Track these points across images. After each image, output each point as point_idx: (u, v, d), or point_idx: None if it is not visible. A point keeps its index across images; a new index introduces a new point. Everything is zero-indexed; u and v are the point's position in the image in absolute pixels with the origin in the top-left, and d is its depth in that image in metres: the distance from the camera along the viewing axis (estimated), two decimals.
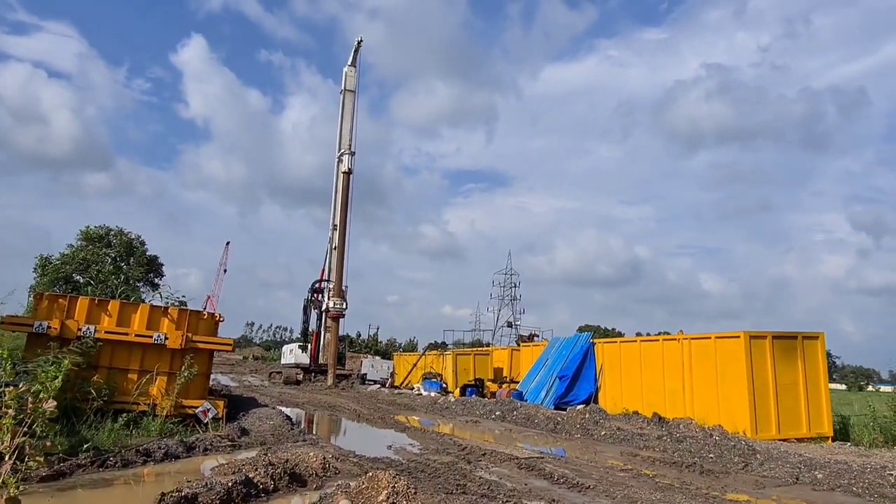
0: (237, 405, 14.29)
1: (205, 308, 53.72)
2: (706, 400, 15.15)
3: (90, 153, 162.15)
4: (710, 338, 15.41)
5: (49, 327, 9.74)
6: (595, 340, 20.45)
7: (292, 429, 11.02)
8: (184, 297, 15.07)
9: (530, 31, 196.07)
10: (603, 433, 13.34)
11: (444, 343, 47.66)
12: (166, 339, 10.57)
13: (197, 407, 10.55)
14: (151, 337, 10.51)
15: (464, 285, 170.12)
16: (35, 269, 43.35)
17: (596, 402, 18.67)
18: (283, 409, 15.13)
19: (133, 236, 47.21)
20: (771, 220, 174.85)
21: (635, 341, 18.77)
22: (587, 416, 14.95)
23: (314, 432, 12.52)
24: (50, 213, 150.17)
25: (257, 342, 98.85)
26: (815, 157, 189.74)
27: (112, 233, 46.60)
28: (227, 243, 74.16)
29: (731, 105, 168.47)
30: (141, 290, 38.25)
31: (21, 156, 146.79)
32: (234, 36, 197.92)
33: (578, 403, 18.54)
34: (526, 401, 19.90)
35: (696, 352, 15.77)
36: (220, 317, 11.48)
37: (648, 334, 22.77)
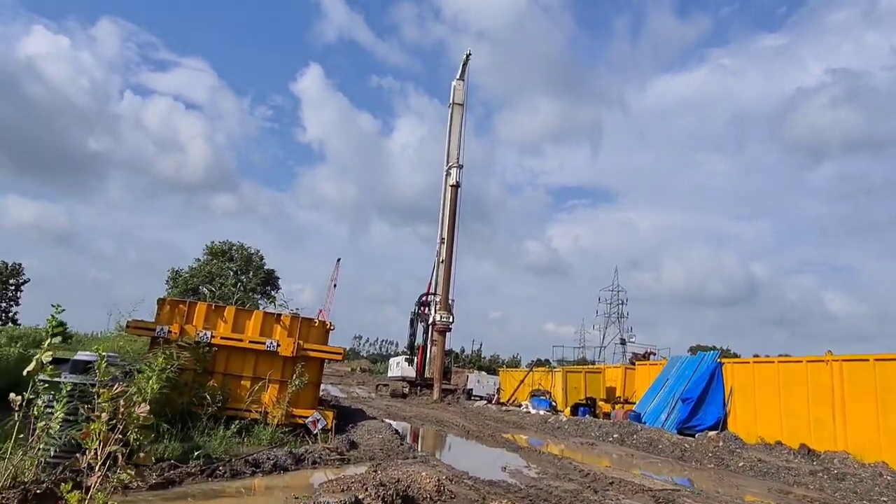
0: (346, 416, 14.12)
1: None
2: (864, 431, 13.15)
3: (219, 177, 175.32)
4: (867, 360, 13.40)
5: (169, 331, 9.92)
6: (723, 360, 18.65)
7: (401, 444, 10.57)
8: (297, 309, 15.21)
9: (637, 43, 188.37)
10: (741, 464, 11.86)
11: (547, 360, 46.19)
12: (278, 345, 10.49)
13: (307, 417, 10.35)
14: (264, 343, 10.46)
15: (567, 302, 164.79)
16: (167, 281, 46.85)
17: (725, 428, 16.92)
18: (391, 422, 14.80)
19: (252, 251, 49.84)
20: None
21: (772, 362, 16.87)
22: (720, 444, 13.47)
23: (422, 448, 12.02)
24: (182, 232, 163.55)
25: (364, 355, 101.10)
26: None
27: (234, 247, 49.44)
28: (338, 260, 76.81)
29: (861, 112, 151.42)
30: (259, 301, 40.05)
31: (161, 181, 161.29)
32: (347, 63, 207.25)
33: (704, 429, 16.91)
34: (644, 423, 18.45)
35: (849, 375, 13.79)
36: (330, 325, 11.30)
37: (767, 356, 20.48)
